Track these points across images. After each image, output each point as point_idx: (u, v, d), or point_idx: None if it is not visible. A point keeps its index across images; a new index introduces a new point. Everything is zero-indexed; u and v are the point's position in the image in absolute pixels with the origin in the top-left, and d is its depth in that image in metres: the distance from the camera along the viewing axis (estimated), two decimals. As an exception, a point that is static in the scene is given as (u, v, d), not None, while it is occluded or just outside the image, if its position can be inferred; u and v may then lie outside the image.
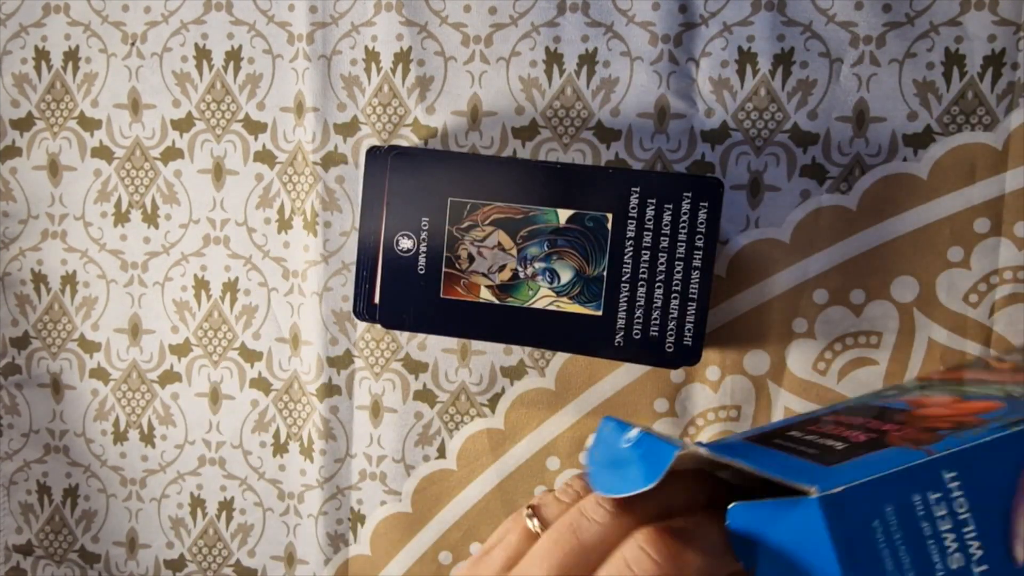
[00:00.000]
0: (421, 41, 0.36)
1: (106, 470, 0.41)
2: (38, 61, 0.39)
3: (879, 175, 0.34)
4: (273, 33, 0.37)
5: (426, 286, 0.33)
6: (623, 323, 0.32)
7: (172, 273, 0.40)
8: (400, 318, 0.33)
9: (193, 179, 0.39)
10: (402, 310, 0.33)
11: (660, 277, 0.32)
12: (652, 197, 0.32)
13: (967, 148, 0.33)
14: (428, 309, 0.33)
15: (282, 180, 0.38)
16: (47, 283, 0.41)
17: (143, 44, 0.39)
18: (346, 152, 0.37)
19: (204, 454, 0.40)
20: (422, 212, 0.33)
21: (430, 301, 0.33)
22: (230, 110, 0.38)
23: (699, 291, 0.32)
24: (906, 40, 0.33)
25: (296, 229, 0.38)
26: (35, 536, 0.42)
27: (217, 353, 0.40)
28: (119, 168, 0.39)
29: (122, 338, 0.40)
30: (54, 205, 0.40)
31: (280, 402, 0.39)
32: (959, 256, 0.33)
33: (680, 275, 0.32)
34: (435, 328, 0.33)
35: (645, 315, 0.32)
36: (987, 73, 0.33)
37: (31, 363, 0.41)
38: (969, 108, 0.33)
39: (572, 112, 0.36)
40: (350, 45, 0.37)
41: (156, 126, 0.39)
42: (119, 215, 0.40)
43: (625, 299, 0.32)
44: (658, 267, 0.32)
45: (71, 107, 0.39)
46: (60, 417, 0.41)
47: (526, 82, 0.36)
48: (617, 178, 0.31)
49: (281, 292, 0.39)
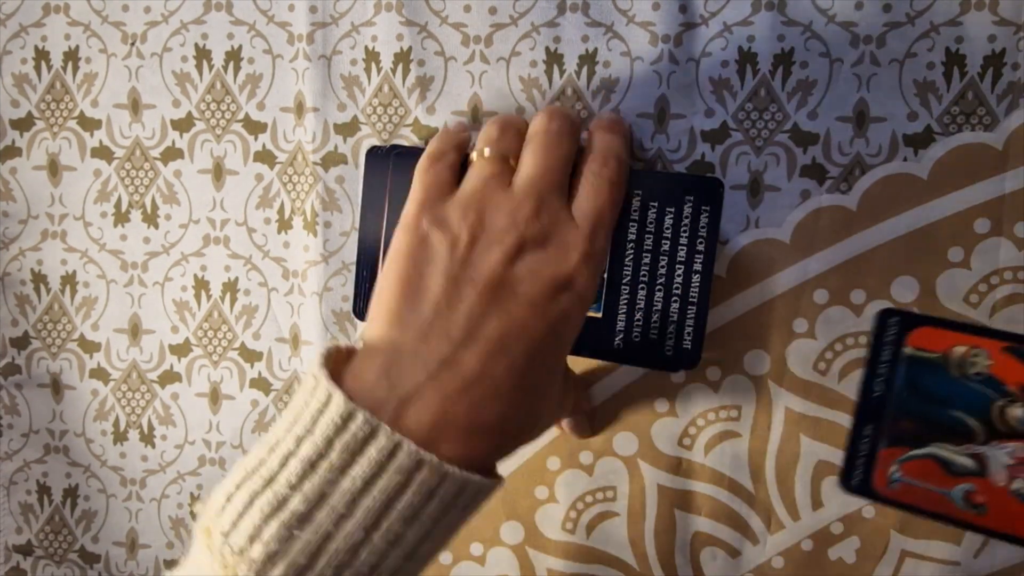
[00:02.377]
0: (421, 41, 0.36)
1: (106, 470, 0.41)
2: (38, 61, 0.39)
3: (879, 175, 0.34)
4: (273, 33, 0.37)
5: None
6: (623, 325, 0.32)
7: (172, 273, 0.40)
8: None
9: (193, 179, 0.39)
10: None
11: (660, 280, 0.32)
12: (654, 201, 0.32)
13: (967, 148, 0.33)
14: None
15: (282, 180, 0.38)
16: (47, 283, 0.41)
17: (143, 44, 0.38)
18: (346, 152, 0.37)
19: (204, 454, 0.40)
20: None
21: None
22: (230, 110, 0.38)
23: (699, 294, 0.32)
24: (906, 40, 0.33)
25: (296, 229, 0.38)
26: (35, 536, 0.42)
27: (217, 353, 0.40)
28: (119, 168, 0.39)
29: (122, 338, 0.40)
30: (54, 205, 0.40)
31: (280, 403, 0.39)
32: (959, 256, 0.33)
33: (680, 278, 0.32)
34: None
35: (645, 318, 0.32)
36: (987, 73, 0.33)
37: (31, 363, 0.41)
38: (969, 108, 0.33)
39: (572, 112, 0.35)
40: (350, 45, 0.37)
41: (156, 126, 0.39)
42: (119, 215, 0.40)
43: (625, 302, 0.32)
44: (659, 270, 0.32)
45: (71, 107, 0.39)
46: (60, 417, 0.41)
47: (526, 82, 0.36)
48: None
49: (281, 292, 0.39)
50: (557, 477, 0.37)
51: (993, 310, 0.33)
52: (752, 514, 0.36)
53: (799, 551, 0.35)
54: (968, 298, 0.33)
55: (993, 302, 0.33)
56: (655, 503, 0.36)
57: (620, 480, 0.37)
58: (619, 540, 0.37)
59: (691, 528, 0.36)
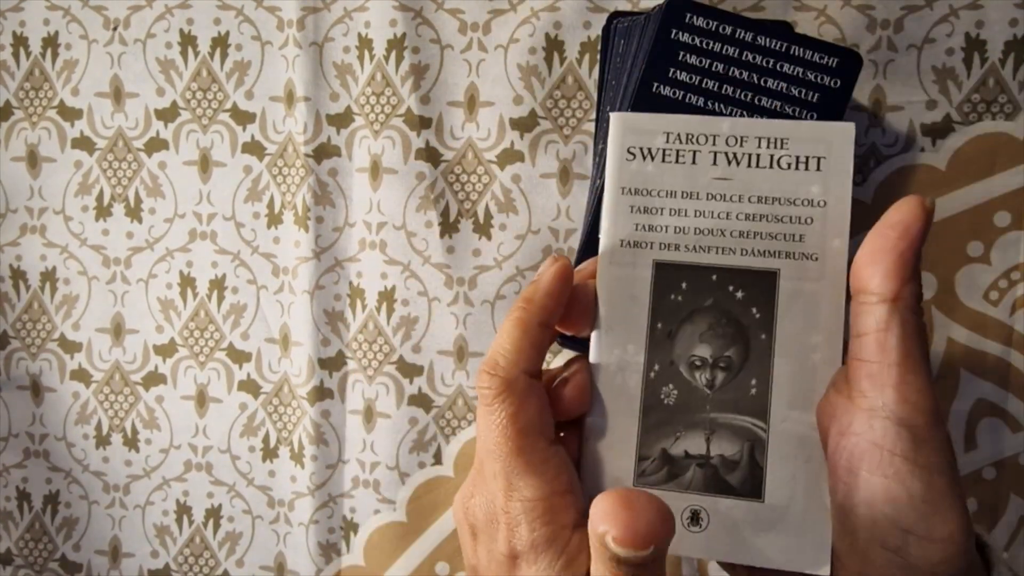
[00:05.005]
0: (416, 27, 0.35)
1: (88, 475, 0.40)
2: (16, 47, 0.38)
3: (896, 166, 0.32)
4: (262, 19, 0.36)
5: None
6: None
7: (156, 270, 0.38)
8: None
9: (178, 171, 0.37)
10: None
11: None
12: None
13: (988, 138, 0.32)
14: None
15: (272, 173, 0.37)
16: (26, 280, 0.39)
17: (126, 30, 0.37)
18: (339, 144, 0.36)
19: (190, 459, 0.39)
20: None
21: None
22: (217, 99, 0.37)
23: None
24: (925, 24, 0.31)
25: (287, 224, 0.37)
26: (14, 544, 0.41)
27: (204, 354, 0.38)
28: (101, 160, 0.38)
29: (104, 338, 0.39)
30: (33, 198, 0.39)
31: (270, 405, 0.38)
32: (979, 251, 0.32)
33: None
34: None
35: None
36: (1009, 59, 0.31)
37: (10, 364, 0.40)
38: (990, 96, 0.31)
39: (574, 102, 0.34)
40: (343, 32, 0.35)
41: (139, 116, 0.37)
42: (101, 209, 0.38)
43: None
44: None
45: (50, 96, 0.38)
46: (40, 420, 0.40)
47: (525, 70, 0.34)
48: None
49: (271, 290, 0.37)
50: (558, 482, 0.36)
51: (1014, 307, 0.32)
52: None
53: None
54: (988, 295, 0.32)
55: (1014, 299, 0.32)
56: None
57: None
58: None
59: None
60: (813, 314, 0.22)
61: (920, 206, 0.20)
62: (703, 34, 0.28)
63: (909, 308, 0.20)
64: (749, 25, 0.28)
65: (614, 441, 0.22)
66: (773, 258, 0.22)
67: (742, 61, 0.28)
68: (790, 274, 0.22)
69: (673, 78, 0.28)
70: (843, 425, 0.21)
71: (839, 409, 0.21)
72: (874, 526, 0.20)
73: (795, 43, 0.28)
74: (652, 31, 0.28)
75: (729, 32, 0.28)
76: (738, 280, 0.22)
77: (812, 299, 0.22)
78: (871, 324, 0.20)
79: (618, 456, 0.22)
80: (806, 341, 0.22)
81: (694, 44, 0.28)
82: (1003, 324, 0.32)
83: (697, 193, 0.23)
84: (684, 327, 0.23)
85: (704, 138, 0.23)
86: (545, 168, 0.35)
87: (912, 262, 0.20)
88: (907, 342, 0.20)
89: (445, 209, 0.35)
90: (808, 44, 0.28)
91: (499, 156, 0.35)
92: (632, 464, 0.22)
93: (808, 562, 0.21)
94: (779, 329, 0.22)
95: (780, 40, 0.28)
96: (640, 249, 0.23)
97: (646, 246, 0.23)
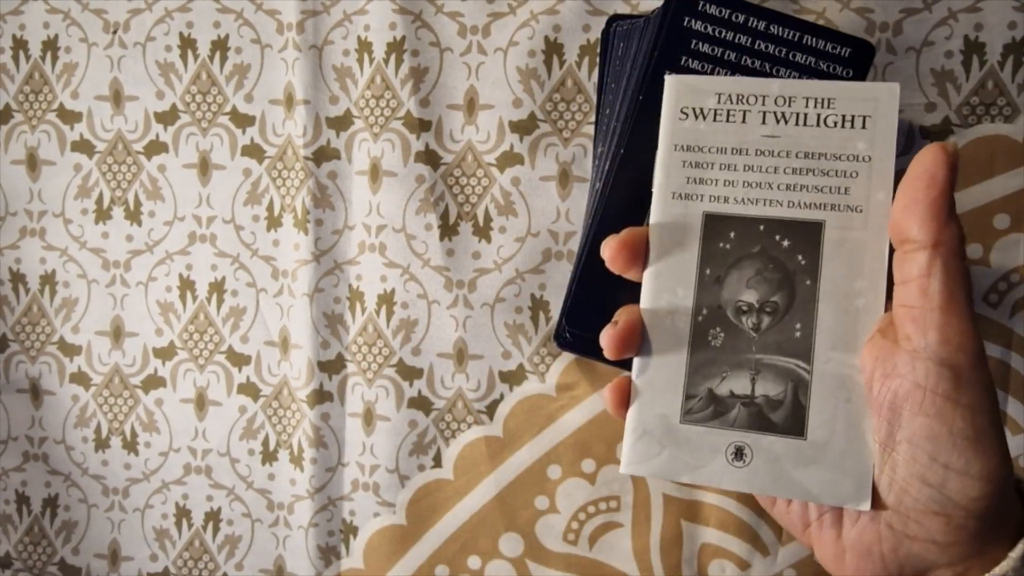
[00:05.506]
0: (415, 31, 0.35)
1: (87, 479, 0.39)
2: (16, 51, 0.38)
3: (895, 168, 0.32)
4: (261, 22, 0.36)
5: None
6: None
7: (156, 273, 0.38)
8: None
9: (178, 174, 0.37)
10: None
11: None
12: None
13: (987, 140, 0.32)
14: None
15: (271, 175, 0.37)
16: (25, 283, 0.39)
17: (125, 33, 0.37)
18: (339, 147, 0.36)
19: (190, 462, 0.39)
20: None
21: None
22: (216, 102, 0.37)
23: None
24: (924, 27, 0.32)
25: (286, 227, 0.37)
26: (13, 548, 0.41)
27: (203, 357, 0.38)
28: (100, 163, 0.38)
29: (104, 341, 0.39)
30: (33, 201, 0.39)
31: (269, 408, 0.38)
32: (978, 253, 0.32)
33: None
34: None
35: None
36: (1008, 62, 0.31)
37: (9, 367, 0.40)
38: (989, 99, 0.31)
39: (573, 105, 0.34)
40: (342, 35, 0.35)
41: (139, 119, 0.37)
42: (100, 212, 0.38)
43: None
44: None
45: (50, 99, 0.38)
46: (39, 424, 0.40)
47: (524, 73, 0.34)
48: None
49: (270, 293, 0.37)
50: (558, 486, 0.35)
51: (1014, 310, 0.32)
52: (762, 524, 0.34)
53: (813, 562, 0.34)
54: (988, 297, 0.32)
55: (1014, 301, 0.32)
56: (661, 513, 0.35)
57: (624, 489, 0.35)
58: (623, 552, 0.35)
59: (699, 539, 0.35)
60: (857, 261, 0.23)
61: (942, 151, 0.21)
62: (715, 22, 0.28)
63: (951, 251, 0.21)
64: (762, 14, 0.28)
65: (662, 380, 0.24)
66: (819, 210, 0.23)
67: (754, 50, 0.28)
68: (835, 224, 0.23)
69: (685, 66, 0.28)
70: (887, 368, 0.21)
71: (884, 351, 0.22)
72: (914, 462, 0.21)
73: (808, 32, 0.28)
74: (662, 19, 0.28)
75: (742, 20, 0.28)
76: (784, 230, 0.23)
77: (856, 247, 0.23)
78: (914, 271, 0.21)
79: (666, 394, 0.23)
80: (850, 287, 0.23)
81: (706, 32, 0.28)
82: (1003, 327, 0.32)
83: (746, 149, 0.24)
84: (732, 273, 0.24)
85: (754, 98, 0.24)
86: (545, 171, 0.35)
87: (945, 207, 0.21)
88: (949, 285, 0.20)
89: (445, 212, 0.35)
90: (821, 34, 0.28)
91: (499, 159, 0.35)
92: (679, 401, 0.23)
93: (849, 496, 0.22)
94: (824, 275, 0.23)
95: (793, 29, 0.28)
96: (691, 201, 0.24)
97: (697, 198, 0.24)
